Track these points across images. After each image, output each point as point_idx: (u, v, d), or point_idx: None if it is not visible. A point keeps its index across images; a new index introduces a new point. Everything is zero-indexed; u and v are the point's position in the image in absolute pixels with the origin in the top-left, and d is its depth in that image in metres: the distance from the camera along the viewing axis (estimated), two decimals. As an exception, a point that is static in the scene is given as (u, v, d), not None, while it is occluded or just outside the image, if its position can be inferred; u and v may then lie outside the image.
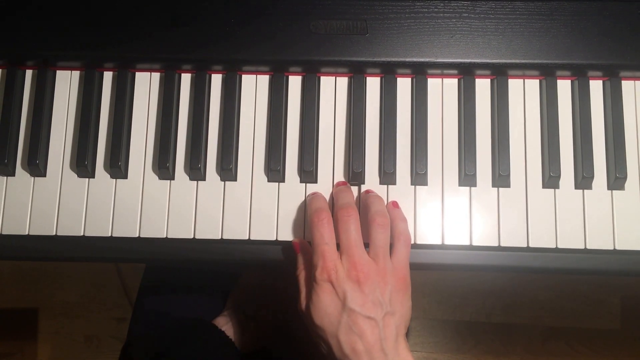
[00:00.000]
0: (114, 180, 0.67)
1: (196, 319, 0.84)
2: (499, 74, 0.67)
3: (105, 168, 0.67)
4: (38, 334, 1.57)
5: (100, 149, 0.68)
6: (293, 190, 0.66)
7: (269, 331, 0.87)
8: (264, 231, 0.65)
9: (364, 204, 0.63)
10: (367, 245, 0.60)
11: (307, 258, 0.61)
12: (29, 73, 0.69)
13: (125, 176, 0.67)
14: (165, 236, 0.65)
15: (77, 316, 1.57)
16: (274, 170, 0.65)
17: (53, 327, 1.57)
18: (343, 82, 0.68)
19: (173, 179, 0.67)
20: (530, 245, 0.64)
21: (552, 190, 0.65)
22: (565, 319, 1.52)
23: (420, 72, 0.67)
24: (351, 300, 0.56)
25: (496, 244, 0.64)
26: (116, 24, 0.67)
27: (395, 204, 0.64)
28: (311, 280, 0.58)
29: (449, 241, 0.65)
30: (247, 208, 0.66)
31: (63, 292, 1.58)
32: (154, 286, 0.91)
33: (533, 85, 0.68)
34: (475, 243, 0.65)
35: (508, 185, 0.66)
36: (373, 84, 0.68)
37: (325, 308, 0.57)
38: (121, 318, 1.54)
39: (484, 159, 0.66)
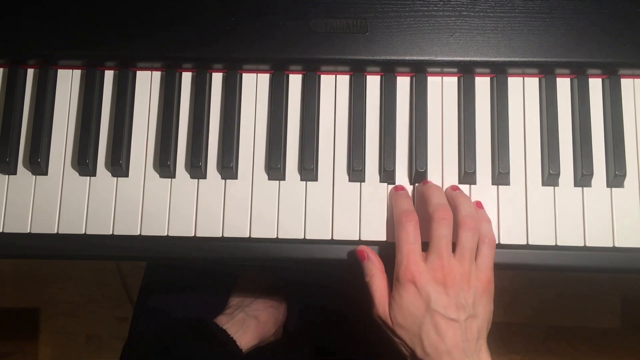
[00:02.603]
0: (115, 178, 0.67)
1: (197, 317, 0.84)
2: (499, 72, 0.67)
3: (107, 166, 0.67)
4: (39, 334, 1.57)
5: (101, 148, 0.68)
6: (294, 188, 0.66)
7: (270, 329, 0.87)
8: (265, 229, 0.65)
9: (452, 203, 0.62)
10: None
11: (377, 262, 0.62)
12: (30, 72, 0.70)
13: (126, 174, 0.67)
14: (166, 234, 0.66)
15: (78, 316, 1.57)
16: (275, 168, 0.65)
17: (54, 326, 1.57)
18: (343, 80, 0.69)
19: (174, 177, 0.67)
20: (530, 242, 0.65)
21: (552, 187, 0.66)
22: (565, 318, 1.52)
23: (420, 71, 0.68)
24: (435, 302, 0.57)
25: (495, 242, 0.64)
26: (117, 23, 0.67)
27: (479, 205, 0.64)
28: (394, 280, 0.59)
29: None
30: (247, 206, 0.66)
31: (64, 291, 1.58)
32: (155, 285, 0.91)
33: (532, 84, 0.68)
34: (475, 240, 0.65)
35: (508, 183, 0.66)
36: (373, 82, 0.69)
37: (408, 308, 0.58)
38: (122, 317, 1.54)
39: (484, 156, 0.67)
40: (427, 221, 0.61)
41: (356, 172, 0.65)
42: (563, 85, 0.68)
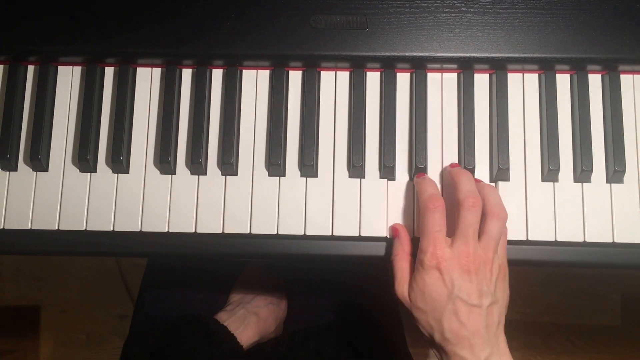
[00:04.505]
0: (116, 174, 0.67)
1: (198, 314, 0.84)
2: (499, 68, 0.68)
3: (107, 163, 0.67)
4: (40, 331, 1.57)
5: (102, 144, 0.68)
6: (294, 184, 0.66)
7: (271, 326, 0.87)
8: (265, 225, 0.66)
9: (480, 194, 0.62)
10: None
11: (405, 243, 0.62)
12: (30, 69, 0.70)
13: (126, 171, 0.67)
14: (166, 230, 0.66)
15: (79, 313, 1.57)
16: (275, 164, 0.65)
17: (55, 324, 1.57)
18: (343, 76, 0.69)
19: (174, 173, 0.67)
20: (530, 238, 0.65)
21: (552, 183, 0.66)
22: (566, 315, 1.52)
23: (420, 67, 0.68)
24: (459, 288, 0.57)
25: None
26: (117, 20, 0.67)
27: None
28: (418, 265, 0.59)
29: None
30: (248, 202, 0.66)
31: (65, 289, 1.58)
32: (156, 283, 0.91)
33: (532, 80, 0.68)
34: (475, 236, 0.65)
35: (507, 179, 0.66)
36: (373, 79, 0.69)
37: (431, 293, 0.58)
38: (123, 315, 1.55)
39: (483, 152, 0.67)
40: (451, 205, 0.61)
41: (356, 168, 0.66)
42: (563, 82, 0.68)
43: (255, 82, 0.69)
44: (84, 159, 0.66)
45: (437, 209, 0.60)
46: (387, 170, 0.66)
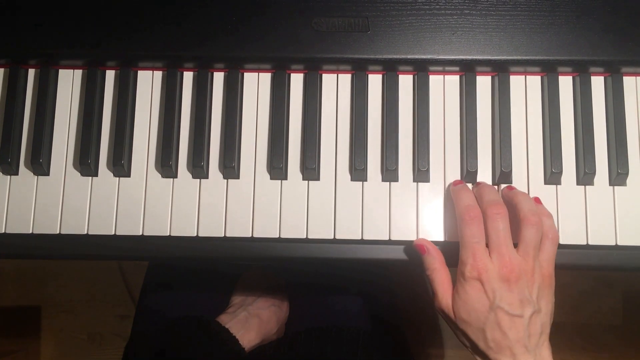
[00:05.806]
0: (117, 178, 0.67)
1: (200, 316, 0.84)
2: (501, 71, 0.67)
3: (108, 166, 0.67)
4: (41, 332, 1.57)
5: (103, 148, 0.68)
6: (296, 188, 0.66)
7: (273, 328, 0.87)
8: (267, 229, 0.65)
9: (511, 202, 0.62)
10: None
11: (437, 255, 0.62)
12: (31, 72, 0.70)
13: (128, 174, 0.67)
14: (168, 234, 0.66)
15: (80, 314, 1.57)
16: (277, 167, 0.65)
17: (56, 324, 1.57)
18: (345, 79, 0.68)
19: (176, 177, 0.67)
20: (533, 241, 0.64)
21: (554, 186, 0.66)
22: (567, 315, 1.52)
23: (422, 69, 0.67)
24: (500, 299, 0.57)
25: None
26: (117, 22, 0.67)
27: (537, 200, 0.64)
28: (459, 276, 0.59)
29: (450, 238, 0.65)
30: (250, 206, 0.66)
31: (66, 289, 1.58)
32: (157, 284, 0.91)
33: (535, 82, 0.68)
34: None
35: (510, 182, 0.66)
36: (375, 81, 0.68)
37: (473, 304, 0.58)
38: (124, 315, 1.55)
39: (486, 155, 0.67)
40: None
41: (358, 171, 0.65)
42: (565, 84, 0.68)
43: (256, 85, 0.68)
44: (85, 162, 0.66)
45: (474, 220, 0.59)
46: (389, 173, 0.66)
